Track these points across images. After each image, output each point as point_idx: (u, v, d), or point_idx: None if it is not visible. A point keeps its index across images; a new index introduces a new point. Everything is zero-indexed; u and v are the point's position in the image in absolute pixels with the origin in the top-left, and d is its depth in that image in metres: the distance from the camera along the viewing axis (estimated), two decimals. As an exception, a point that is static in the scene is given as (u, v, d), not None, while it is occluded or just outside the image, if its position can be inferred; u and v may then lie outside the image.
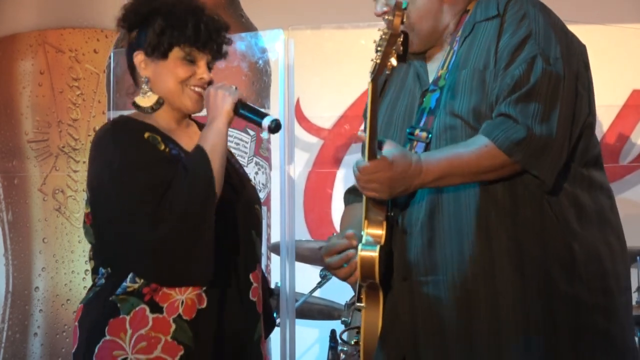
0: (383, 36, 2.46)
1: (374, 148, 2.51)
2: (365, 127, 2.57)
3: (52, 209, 5.71)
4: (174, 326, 2.73)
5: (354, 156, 5.23)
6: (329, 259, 2.74)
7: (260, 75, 5.39)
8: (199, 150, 2.75)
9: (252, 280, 2.88)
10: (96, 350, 2.73)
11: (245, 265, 2.88)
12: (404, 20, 2.46)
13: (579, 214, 2.64)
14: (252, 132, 5.26)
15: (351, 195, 2.99)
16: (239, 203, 2.90)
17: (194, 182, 2.70)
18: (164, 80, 2.87)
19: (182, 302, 2.74)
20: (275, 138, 4.93)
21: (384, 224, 2.66)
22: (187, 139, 2.89)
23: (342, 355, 4.46)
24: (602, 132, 5.26)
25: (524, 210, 2.60)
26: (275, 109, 4.85)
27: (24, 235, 5.77)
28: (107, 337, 2.73)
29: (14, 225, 5.79)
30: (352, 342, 4.36)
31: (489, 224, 2.59)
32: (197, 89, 2.87)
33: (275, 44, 4.76)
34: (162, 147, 2.80)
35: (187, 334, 2.74)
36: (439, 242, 2.63)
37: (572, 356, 2.58)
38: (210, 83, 2.89)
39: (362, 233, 2.66)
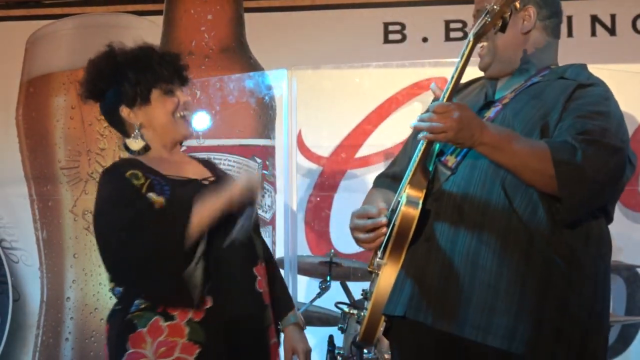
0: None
1: (452, 96, 2.49)
2: (452, 76, 2.50)
3: (81, 228, 5.72)
4: (187, 329, 2.73)
5: (349, 181, 5.26)
6: (360, 221, 2.66)
7: (266, 109, 5.42)
8: (186, 202, 2.70)
9: (256, 273, 2.86)
10: None
11: (248, 261, 2.86)
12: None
13: (585, 242, 2.61)
14: (259, 160, 5.28)
15: (386, 179, 2.94)
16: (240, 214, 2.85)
17: (165, 229, 2.68)
18: (157, 118, 2.87)
19: None
20: (279, 165, 4.96)
21: (424, 190, 2.59)
22: (176, 167, 2.87)
23: (339, 358, 4.46)
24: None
25: (540, 223, 2.55)
26: (280, 140, 4.88)
27: (57, 251, 5.78)
28: (130, 350, 2.74)
29: (48, 242, 5.81)
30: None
31: (509, 221, 2.55)
32: (185, 113, 2.88)
33: (279, 82, 4.79)
34: (142, 180, 2.77)
35: (200, 333, 2.73)
36: (463, 231, 2.58)
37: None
38: (190, 106, 2.92)
39: (403, 194, 2.59)
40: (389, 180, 2.93)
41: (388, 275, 2.63)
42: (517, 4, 2.50)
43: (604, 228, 2.70)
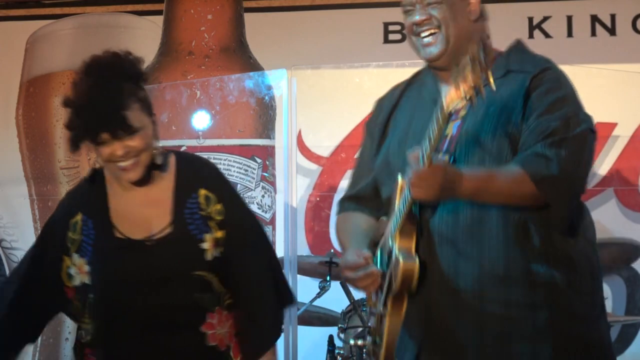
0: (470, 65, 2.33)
1: (431, 157, 2.46)
2: (430, 137, 2.43)
3: (81, 228, 5.72)
4: None
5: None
6: (353, 274, 2.67)
7: (266, 109, 5.41)
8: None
9: (204, 330, 2.71)
10: None
11: (192, 324, 2.71)
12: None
13: (575, 240, 2.64)
14: (259, 160, 5.28)
15: (351, 203, 2.93)
16: (179, 278, 2.71)
17: None
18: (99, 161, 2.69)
19: None
20: (279, 165, 4.95)
21: (414, 236, 2.61)
22: (137, 204, 2.72)
23: (339, 358, 4.46)
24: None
25: (534, 241, 2.58)
26: (280, 140, 4.87)
27: (57, 252, 5.77)
28: None
29: (48, 242, 5.80)
30: (351, 342, 4.34)
31: (506, 247, 2.57)
32: (122, 165, 2.62)
33: (279, 81, 4.79)
34: (77, 236, 2.71)
35: None
36: (462, 265, 2.59)
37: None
38: (124, 155, 2.61)
39: (394, 245, 2.61)
40: (354, 204, 2.92)
41: (394, 322, 2.65)
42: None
43: (584, 211, 2.71)
